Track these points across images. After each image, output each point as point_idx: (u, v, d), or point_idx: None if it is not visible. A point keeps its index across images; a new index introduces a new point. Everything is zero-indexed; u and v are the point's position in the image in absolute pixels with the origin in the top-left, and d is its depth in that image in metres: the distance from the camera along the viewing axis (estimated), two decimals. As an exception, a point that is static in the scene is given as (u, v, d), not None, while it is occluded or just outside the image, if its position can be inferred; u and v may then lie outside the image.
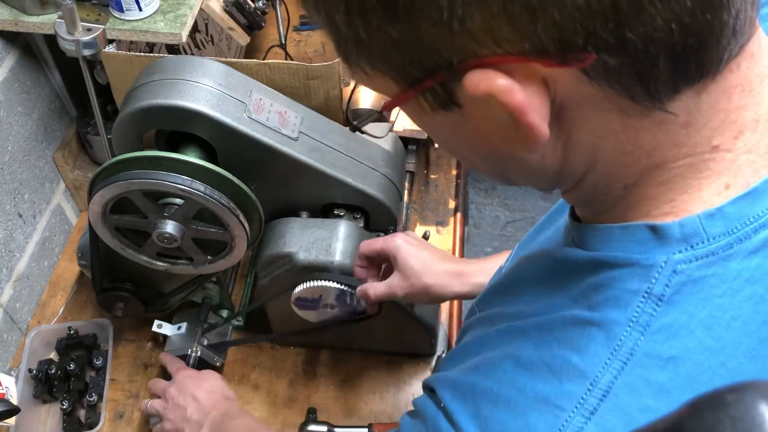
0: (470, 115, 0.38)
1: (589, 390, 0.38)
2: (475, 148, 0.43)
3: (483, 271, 0.80)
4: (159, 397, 0.97)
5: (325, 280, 0.85)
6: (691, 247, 0.38)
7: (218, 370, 1.06)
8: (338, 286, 0.85)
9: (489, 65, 0.34)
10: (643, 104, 0.36)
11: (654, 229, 0.39)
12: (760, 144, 0.39)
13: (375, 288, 0.82)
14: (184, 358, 1.02)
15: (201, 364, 1.03)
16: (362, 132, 1.07)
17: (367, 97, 1.14)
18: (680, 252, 0.38)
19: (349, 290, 0.86)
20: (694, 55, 0.34)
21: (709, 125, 0.38)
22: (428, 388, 0.48)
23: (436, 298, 0.82)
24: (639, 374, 0.38)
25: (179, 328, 1.06)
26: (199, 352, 1.03)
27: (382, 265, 0.86)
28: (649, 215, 0.40)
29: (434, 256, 0.82)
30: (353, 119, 1.10)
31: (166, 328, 1.06)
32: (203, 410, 0.91)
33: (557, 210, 0.58)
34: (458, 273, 0.80)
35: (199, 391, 0.93)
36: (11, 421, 0.93)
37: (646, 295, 0.38)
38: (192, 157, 0.80)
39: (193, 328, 1.06)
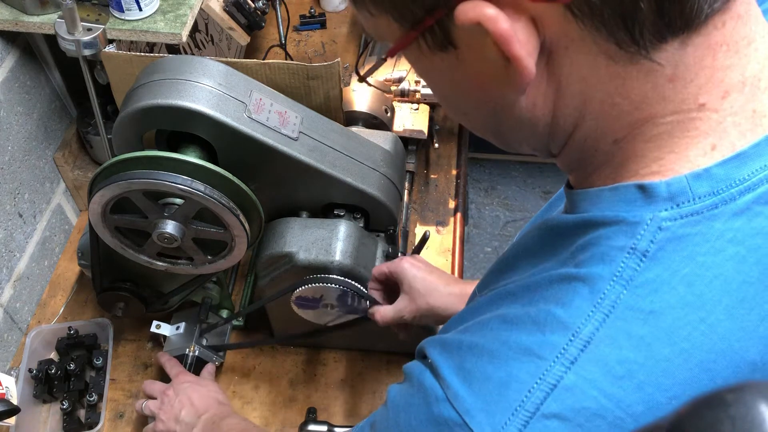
0: (464, 57, 0.40)
1: (570, 340, 0.39)
2: (469, 95, 0.44)
3: None
4: (153, 398, 0.98)
5: (332, 282, 0.87)
6: (677, 205, 0.39)
7: (217, 369, 1.06)
8: (343, 288, 0.87)
9: None
10: (630, 51, 0.37)
11: (642, 188, 0.40)
12: (746, 107, 0.39)
13: (383, 312, 0.86)
14: (182, 357, 1.03)
15: (199, 364, 1.03)
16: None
17: (362, 99, 1.14)
18: (666, 210, 0.39)
19: (351, 291, 0.87)
20: (677, 1, 0.35)
21: (695, 81, 0.38)
22: (420, 355, 0.48)
23: (442, 319, 0.84)
24: (620, 327, 0.38)
25: (177, 328, 1.06)
26: (197, 352, 1.03)
27: (394, 287, 0.89)
28: (638, 174, 0.41)
29: (440, 279, 0.84)
30: (348, 123, 1.10)
31: (164, 329, 1.06)
32: (197, 413, 0.92)
33: (559, 197, 0.59)
34: (463, 295, 0.82)
35: (195, 395, 0.94)
36: (11, 421, 0.93)
37: (631, 250, 0.39)
38: (192, 157, 0.80)
39: (191, 327, 1.06)
